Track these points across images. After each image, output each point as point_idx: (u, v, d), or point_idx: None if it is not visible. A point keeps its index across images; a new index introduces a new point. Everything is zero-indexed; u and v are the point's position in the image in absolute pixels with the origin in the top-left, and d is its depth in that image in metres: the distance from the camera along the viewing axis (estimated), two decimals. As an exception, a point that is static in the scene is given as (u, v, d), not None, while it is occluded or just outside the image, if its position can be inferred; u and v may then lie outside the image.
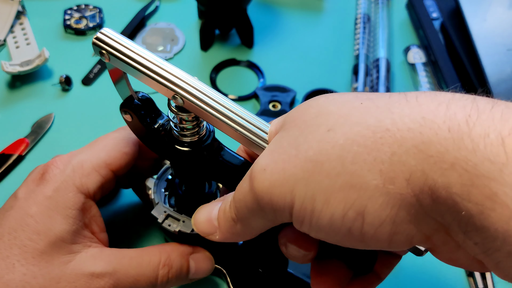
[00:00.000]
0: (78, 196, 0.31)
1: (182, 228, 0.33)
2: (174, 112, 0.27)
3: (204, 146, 0.29)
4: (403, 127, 0.19)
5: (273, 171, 0.22)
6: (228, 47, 0.58)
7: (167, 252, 0.32)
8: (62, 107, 0.50)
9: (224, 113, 0.26)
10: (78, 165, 0.32)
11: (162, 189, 0.35)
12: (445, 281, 0.39)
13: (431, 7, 0.59)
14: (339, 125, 0.21)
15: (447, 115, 0.19)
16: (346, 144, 0.20)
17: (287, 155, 0.22)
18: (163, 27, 0.59)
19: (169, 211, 0.34)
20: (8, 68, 0.50)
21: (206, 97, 0.26)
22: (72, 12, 0.60)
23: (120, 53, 0.25)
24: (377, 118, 0.20)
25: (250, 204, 0.24)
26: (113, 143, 0.34)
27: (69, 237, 0.29)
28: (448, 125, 0.18)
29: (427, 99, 0.20)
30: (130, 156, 0.34)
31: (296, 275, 0.36)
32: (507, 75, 0.47)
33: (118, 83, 0.28)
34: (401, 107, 0.20)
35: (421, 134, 0.19)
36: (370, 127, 0.20)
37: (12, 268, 0.28)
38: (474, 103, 0.19)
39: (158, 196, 0.35)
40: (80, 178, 0.31)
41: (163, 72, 0.25)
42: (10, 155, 0.45)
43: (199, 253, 0.34)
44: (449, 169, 0.18)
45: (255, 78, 0.55)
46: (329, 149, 0.21)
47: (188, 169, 0.31)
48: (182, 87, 0.25)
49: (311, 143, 0.22)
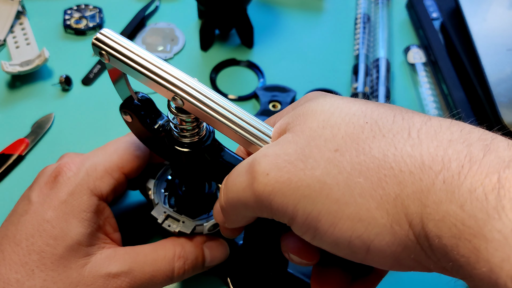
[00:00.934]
0: (92, 199, 0.31)
1: (182, 228, 0.33)
2: (174, 113, 0.27)
3: (204, 147, 0.29)
4: (405, 169, 0.20)
5: (277, 178, 0.22)
6: (228, 47, 0.58)
7: (181, 244, 0.32)
8: (62, 107, 0.50)
9: (224, 114, 0.26)
10: (92, 168, 0.32)
11: (162, 190, 0.35)
12: (445, 281, 0.39)
13: (431, 7, 0.59)
14: (346, 147, 0.22)
15: (444, 162, 0.20)
16: (353, 173, 0.21)
17: (293, 166, 0.22)
18: (163, 27, 0.59)
19: (169, 211, 0.34)
20: (8, 68, 0.50)
21: (206, 99, 0.25)
22: (72, 12, 0.60)
23: (120, 53, 0.25)
24: (381, 151, 0.21)
25: (245, 200, 0.24)
26: (124, 146, 0.34)
27: (85, 240, 0.30)
28: (444, 176, 0.19)
29: (428, 136, 0.21)
30: (142, 159, 0.34)
31: (296, 275, 0.36)
32: (507, 75, 0.47)
33: (118, 83, 0.28)
34: (403, 142, 0.21)
35: (421, 181, 0.20)
36: (375, 160, 0.21)
37: (32, 274, 0.28)
38: (469, 149, 0.20)
39: (158, 197, 0.35)
40: (94, 181, 0.32)
41: (163, 73, 0.25)
42: (10, 155, 0.45)
43: (213, 241, 0.34)
44: (441, 221, 0.19)
45: (255, 78, 0.55)
46: (337, 174, 0.21)
47: (188, 169, 0.31)
48: (182, 88, 0.25)
49: (318, 161, 0.22)
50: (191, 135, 0.28)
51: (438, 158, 0.20)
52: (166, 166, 0.36)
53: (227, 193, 0.26)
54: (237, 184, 0.25)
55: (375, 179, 0.21)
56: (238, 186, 0.25)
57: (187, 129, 0.28)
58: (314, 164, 0.22)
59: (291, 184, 0.22)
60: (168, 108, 0.27)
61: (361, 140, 0.22)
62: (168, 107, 0.27)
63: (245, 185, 0.24)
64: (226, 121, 0.26)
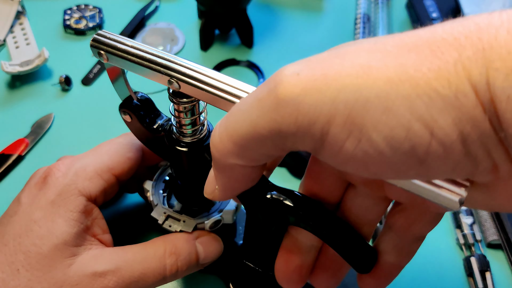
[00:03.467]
0: (79, 199, 0.31)
1: (184, 227, 0.33)
2: (173, 101, 0.27)
3: (203, 146, 0.29)
4: (460, 36, 0.17)
5: (309, 77, 0.18)
6: (228, 47, 0.58)
7: (171, 241, 0.32)
8: (62, 107, 0.50)
9: (222, 88, 0.24)
10: (81, 169, 0.32)
11: (160, 191, 0.35)
12: (445, 281, 0.39)
13: (431, 7, 0.59)
14: (384, 38, 0.19)
15: (503, 20, 0.17)
16: (401, 52, 0.18)
17: (328, 63, 0.18)
18: (163, 27, 0.59)
19: (169, 211, 0.34)
20: (8, 68, 0.50)
21: (201, 75, 0.25)
22: (72, 12, 0.60)
23: (116, 48, 0.26)
24: (427, 31, 0.18)
25: (260, 122, 0.19)
26: (116, 148, 0.34)
27: (72, 239, 0.30)
28: (507, 27, 0.16)
29: (474, 15, 0.18)
30: (133, 161, 0.34)
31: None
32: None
33: (117, 83, 0.28)
34: (450, 22, 0.18)
35: (480, 40, 0.17)
36: (422, 38, 0.18)
37: (17, 273, 0.28)
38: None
39: (157, 198, 0.35)
40: (83, 181, 0.31)
41: (156, 58, 0.25)
42: (10, 155, 0.45)
43: (205, 236, 0.33)
44: (511, 74, 0.16)
45: (255, 78, 0.55)
46: (382, 57, 0.18)
47: (188, 169, 0.31)
48: (175, 69, 0.25)
49: (358, 52, 0.18)
50: (191, 134, 0.28)
51: (495, 19, 0.17)
52: (163, 167, 0.36)
53: (228, 130, 0.20)
54: (248, 103, 0.20)
55: (428, 52, 0.17)
56: (250, 106, 0.19)
57: (186, 123, 0.28)
58: (353, 55, 0.18)
59: (326, 78, 0.18)
60: (170, 99, 0.27)
61: (402, 34, 0.19)
62: (170, 99, 0.27)
63: (262, 97, 0.19)
64: (224, 94, 0.24)
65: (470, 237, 0.40)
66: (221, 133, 0.21)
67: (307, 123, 0.18)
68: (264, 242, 0.33)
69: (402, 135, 0.17)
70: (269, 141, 0.19)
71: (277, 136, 0.19)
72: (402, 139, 0.17)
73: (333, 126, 0.18)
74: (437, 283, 0.39)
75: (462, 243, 0.40)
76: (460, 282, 0.39)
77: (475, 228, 0.41)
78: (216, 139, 0.21)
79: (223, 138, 0.21)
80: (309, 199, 0.28)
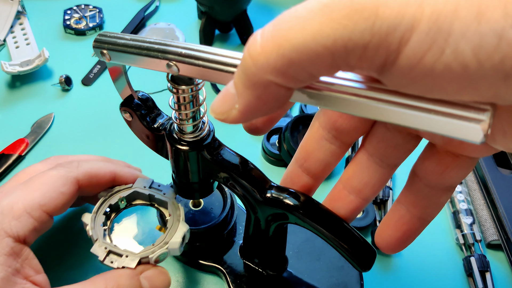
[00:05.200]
0: (5, 240, 0.28)
1: (126, 263, 0.30)
2: (173, 90, 0.26)
3: (204, 145, 0.29)
4: None
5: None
6: (228, 47, 0.58)
7: (113, 278, 0.29)
8: (62, 107, 0.50)
9: (222, 61, 0.23)
10: (8, 206, 0.29)
11: (100, 224, 0.33)
12: (445, 281, 0.39)
13: None
14: None
15: None
16: None
17: None
18: (163, 27, 0.59)
19: (110, 246, 0.31)
20: (8, 68, 0.50)
21: (198, 52, 0.24)
22: (72, 12, 0.60)
23: (117, 44, 0.26)
24: None
25: (324, 27, 0.15)
26: (49, 182, 0.31)
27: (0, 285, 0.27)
28: None
29: None
30: (68, 196, 0.32)
31: (296, 275, 0.36)
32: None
33: (118, 82, 0.28)
34: None
35: None
36: None
37: None
38: None
39: (97, 232, 0.32)
40: (9, 221, 0.29)
41: (154, 45, 0.25)
42: (10, 155, 0.45)
43: (150, 270, 0.31)
44: None
45: (255, 78, 0.55)
46: None
47: (188, 168, 0.31)
48: (172, 51, 0.24)
49: None
50: (191, 132, 0.28)
51: None
52: (103, 198, 0.34)
53: (277, 39, 0.17)
54: (308, 8, 0.16)
55: None
56: (311, 11, 0.16)
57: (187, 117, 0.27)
58: None
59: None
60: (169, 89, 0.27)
61: None
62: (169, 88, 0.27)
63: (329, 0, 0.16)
64: (224, 66, 0.22)
65: (470, 237, 0.40)
66: (266, 41, 0.17)
67: (385, 29, 0.15)
68: (264, 242, 0.33)
69: (493, 43, 0.14)
70: (329, 55, 0.16)
71: (342, 48, 0.16)
72: (492, 49, 0.14)
73: (416, 33, 0.15)
74: (437, 283, 0.39)
75: (462, 243, 0.40)
76: (460, 282, 0.39)
77: (475, 228, 0.41)
78: (257, 49, 0.17)
79: (268, 48, 0.17)
80: (309, 198, 0.28)
